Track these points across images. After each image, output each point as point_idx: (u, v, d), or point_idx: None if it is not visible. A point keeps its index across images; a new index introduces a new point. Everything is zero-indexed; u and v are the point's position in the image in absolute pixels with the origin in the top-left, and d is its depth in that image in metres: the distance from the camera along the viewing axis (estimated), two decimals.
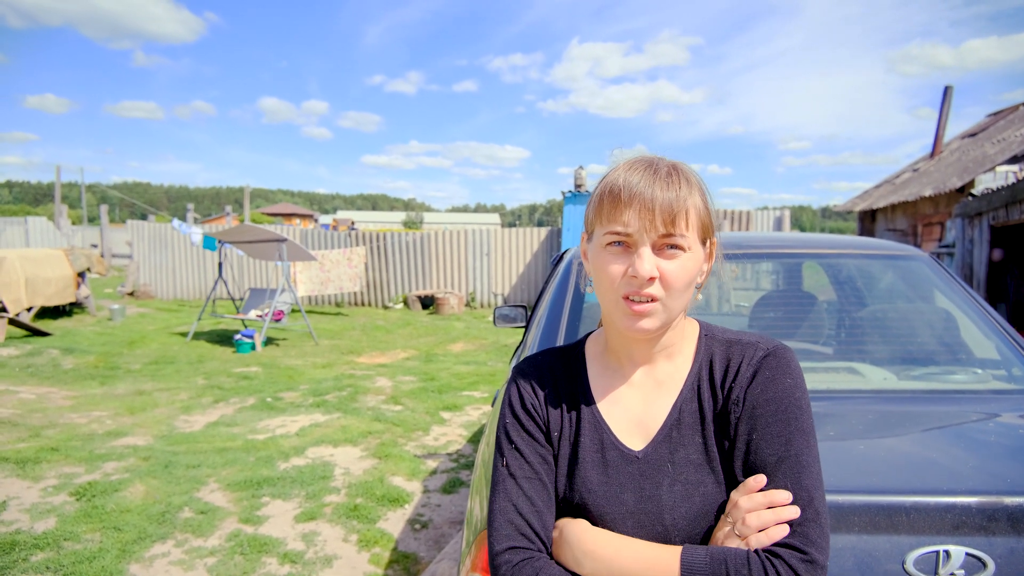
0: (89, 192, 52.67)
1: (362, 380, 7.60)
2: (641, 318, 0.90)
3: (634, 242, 0.90)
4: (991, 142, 13.71)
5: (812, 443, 0.91)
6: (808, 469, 0.88)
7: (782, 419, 0.91)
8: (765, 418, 0.91)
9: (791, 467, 0.88)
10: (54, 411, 6.09)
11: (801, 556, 0.82)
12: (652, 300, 0.90)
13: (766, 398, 0.92)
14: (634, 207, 0.89)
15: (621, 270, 0.90)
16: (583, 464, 0.97)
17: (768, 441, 0.90)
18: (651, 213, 0.88)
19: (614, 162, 0.97)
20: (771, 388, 0.93)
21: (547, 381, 1.04)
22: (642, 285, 0.89)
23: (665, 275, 0.90)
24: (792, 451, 0.88)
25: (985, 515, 1.15)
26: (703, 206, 0.93)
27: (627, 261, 0.90)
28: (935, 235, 13.29)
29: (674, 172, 0.92)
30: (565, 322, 2.13)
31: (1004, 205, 8.67)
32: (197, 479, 4.32)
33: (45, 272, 11.11)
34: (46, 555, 3.28)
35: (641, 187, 0.89)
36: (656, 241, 0.89)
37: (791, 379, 0.94)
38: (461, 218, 79.22)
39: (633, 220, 0.89)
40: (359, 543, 3.52)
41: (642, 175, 0.90)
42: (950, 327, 2.22)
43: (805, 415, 0.92)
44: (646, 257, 0.89)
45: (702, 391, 0.97)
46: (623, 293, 0.91)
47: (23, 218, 21.71)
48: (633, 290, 0.90)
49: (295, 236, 15.22)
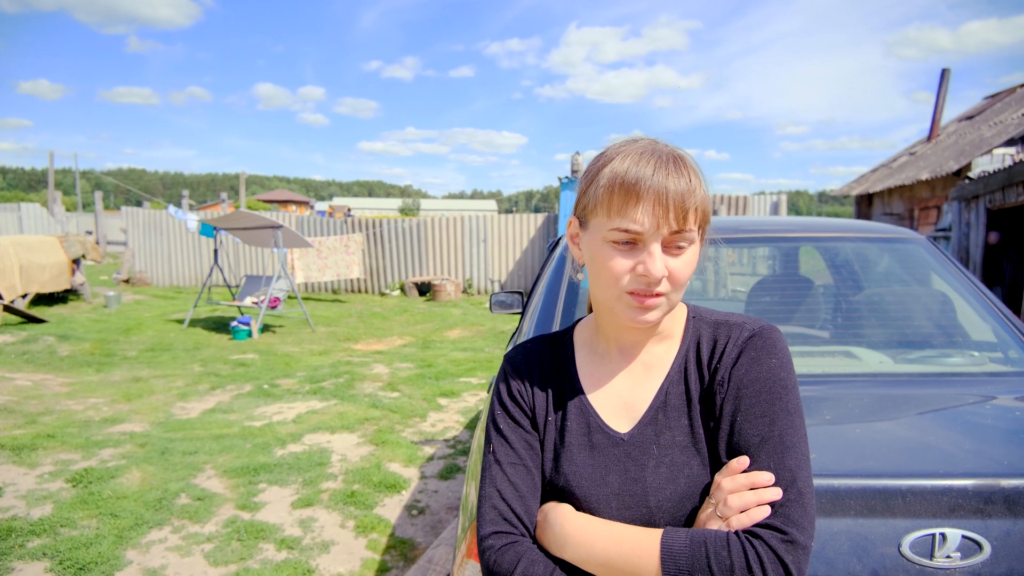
0: (83, 178, 52.39)
1: (359, 367, 7.60)
2: (648, 311, 0.89)
3: (644, 240, 0.87)
4: (988, 125, 13.67)
5: (797, 423, 0.89)
6: (792, 450, 0.87)
7: (766, 399, 0.90)
8: (749, 398, 0.90)
9: (774, 447, 0.86)
10: (50, 398, 6.08)
11: (782, 537, 0.81)
12: (659, 295, 0.89)
13: (751, 378, 0.91)
14: (646, 204, 0.85)
15: (628, 267, 0.88)
16: (569, 448, 0.97)
17: (751, 421, 0.89)
18: (665, 211, 0.85)
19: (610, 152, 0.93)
20: (756, 368, 0.92)
21: (535, 368, 1.04)
22: (651, 285, 0.87)
23: (672, 272, 0.88)
24: (776, 431, 0.87)
25: (981, 498, 1.15)
26: (706, 195, 0.91)
27: (634, 258, 0.88)
28: (931, 219, 13.29)
29: (680, 163, 0.88)
30: (561, 308, 2.12)
31: (1001, 188, 8.65)
32: (194, 466, 4.32)
33: (40, 259, 11.05)
34: (43, 541, 3.28)
35: (654, 182, 0.85)
36: (667, 238, 0.87)
37: (776, 359, 0.93)
38: (458, 205, 78.99)
39: (646, 219, 0.86)
40: (356, 529, 3.53)
41: (654, 168, 0.86)
42: (947, 310, 2.21)
43: (791, 395, 0.91)
44: (658, 257, 0.86)
45: (689, 373, 0.97)
46: (629, 290, 0.89)
47: (16, 204, 21.53)
48: (641, 288, 0.88)
49: (291, 223, 15.16)
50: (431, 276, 15.27)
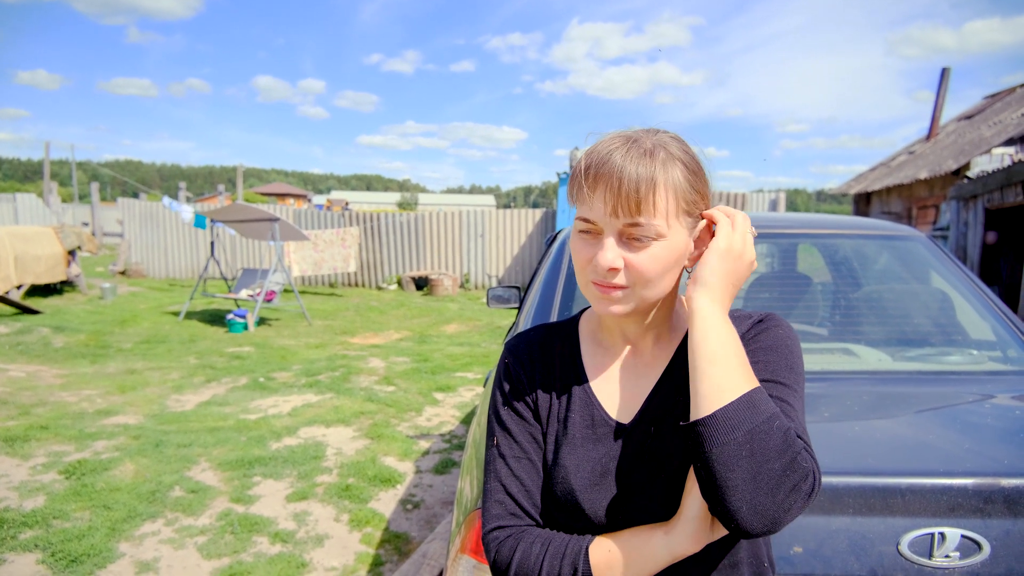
0: (80, 170, 52.16)
1: (355, 361, 7.58)
2: (611, 303, 0.88)
3: (599, 230, 0.86)
4: (988, 124, 13.66)
5: (796, 382, 0.88)
6: (799, 399, 0.86)
7: (775, 356, 0.89)
8: (757, 352, 0.89)
9: (786, 393, 0.85)
10: (44, 389, 6.05)
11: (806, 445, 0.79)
12: (620, 288, 0.87)
13: (760, 339, 0.91)
14: (598, 193, 0.84)
15: (588, 257, 0.87)
16: (572, 439, 0.95)
17: (759, 367, 0.87)
18: (616, 198, 0.82)
19: None
20: (767, 335, 0.92)
21: (538, 357, 1.01)
22: (604, 276, 0.86)
23: (632, 265, 0.85)
24: (784, 380, 0.86)
25: (981, 497, 1.13)
26: (685, 183, 0.86)
27: (594, 248, 0.87)
28: (930, 218, 13.29)
29: (656, 151, 0.84)
30: (558, 302, 2.10)
31: (999, 187, 8.64)
32: (188, 458, 4.30)
33: (35, 250, 10.99)
34: (35, 533, 3.26)
35: (610, 169, 0.83)
36: (623, 229, 0.84)
37: (784, 331, 0.93)
38: (456, 199, 78.79)
39: (597, 207, 0.84)
40: (351, 523, 3.51)
41: (619, 155, 0.84)
42: (946, 308, 2.20)
43: (795, 358, 0.90)
44: (608, 248, 0.84)
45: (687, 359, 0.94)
46: (591, 280, 0.88)
47: (12, 195, 21.37)
48: (599, 279, 0.87)
49: (288, 216, 15.10)
50: (428, 271, 15.24)
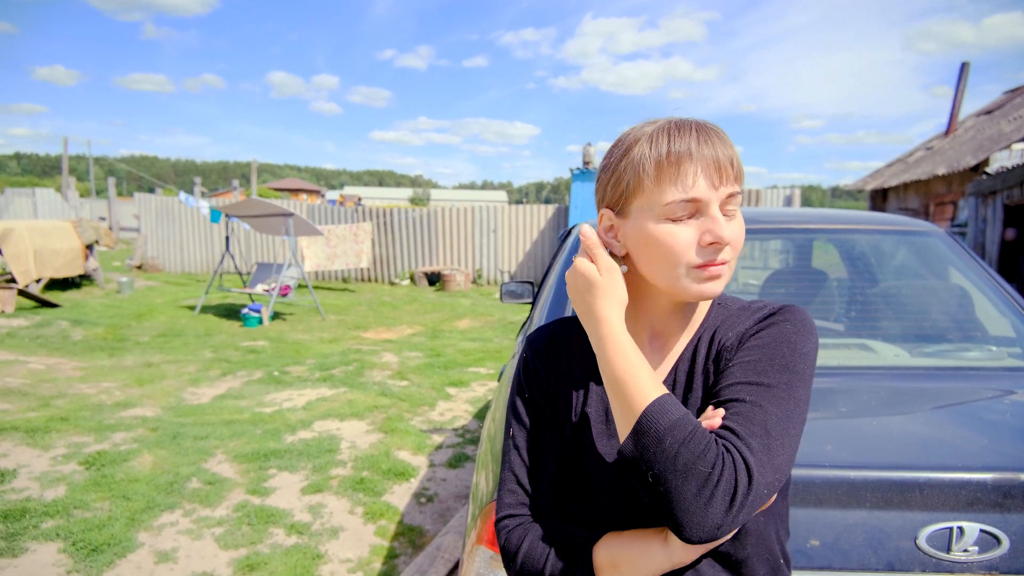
0: (97, 165, 52.67)
1: (368, 355, 7.62)
2: (716, 280, 0.86)
3: (703, 206, 0.84)
4: (1007, 119, 13.46)
5: (796, 384, 0.81)
6: (777, 400, 0.79)
7: (769, 354, 0.84)
8: (750, 350, 0.86)
9: (759, 393, 0.79)
10: (63, 381, 6.14)
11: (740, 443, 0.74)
12: (723, 263, 0.85)
13: (760, 337, 0.87)
14: (700, 169, 0.83)
15: (692, 239, 0.84)
16: (589, 434, 0.95)
17: (743, 367, 0.83)
18: (719, 173, 0.83)
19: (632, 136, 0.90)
20: (768, 330, 0.87)
21: (560, 351, 1.01)
22: (719, 251, 0.84)
23: (733, 239, 0.86)
24: (767, 380, 0.80)
25: (1000, 492, 1.13)
26: (740, 159, 0.89)
27: (695, 229, 0.84)
28: (947, 214, 13.13)
29: (714, 129, 0.87)
30: None
31: (1019, 184, 8.53)
32: (205, 450, 4.35)
33: (53, 244, 11.14)
34: (56, 522, 3.31)
35: (702, 147, 0.84)
36: (722, 203, 0.85)
37: (793, 325, 0.87)
38: (468, 195, 78.82)
39: (700, 182, 0.83)
40: (365, 515, 3.54)
41: (694, 136, 0.85)
42: (965, 304, 2.18)
43: (799, 359, 0.83)
44: (721, 220, 0.84)
45: (699, 348, 0.93)
46: (696, 264, 0.85)
47: (31, 189, 21.69)
48: (709, 259, 0.84)
49: (302, 211, 15.18)
50: (441, 266, 15.28)
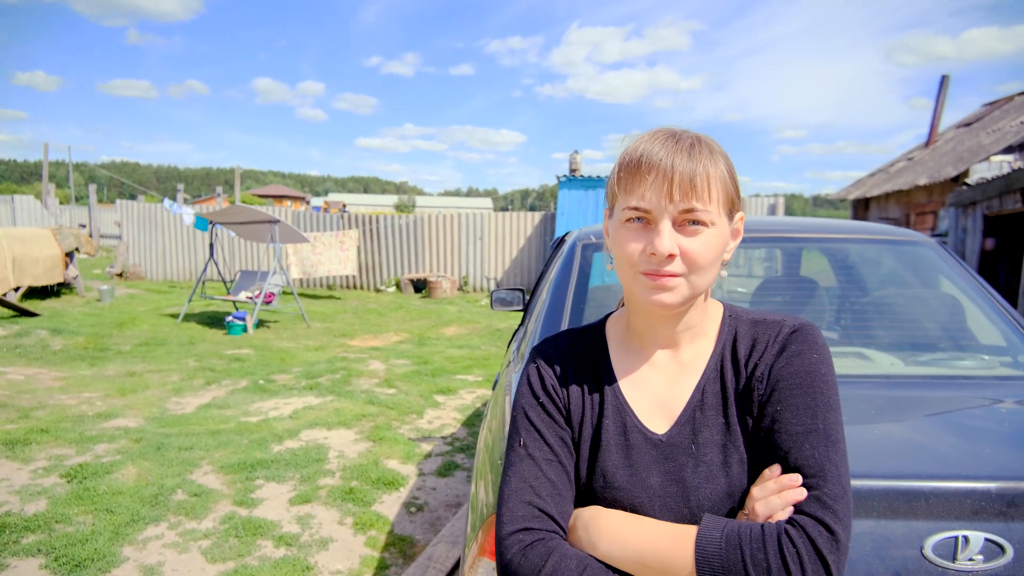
0: (77, 171, 51.99)
1: (355, 363, 7.56)
2: (662, 291, 0.86)
3: (653, 218, 0.86)
4: (986, 132, 13.72)
5: (839, 420, 0.87)
6: (836, 444, 0.85)
7: (808, 392, 0.87)
8: (791, 391, 0.88)
9: (819, 440, 0.84)
10: (43, 392, 6.02)
11: (821, 528, 0.78)
12: (674, 276, 0.86)
13: (791, 371, 0.89)
14: (652, 179, 0.85)
15: (639, 248, 0.87)
16: (606, 448, 0.93)
17: (795, 413, 0.86)
18: (670, 184, 0.84)
19: (633, 137, 0.92)
20: (796, 362, 0.90)
21: (568, 362, 1.00)
22: (661, 263, 0.85)
23: (688, 253, 0.85)
24: (819, 424, 0.85)
25: (1005, 500, 1.13)
26: (728, 177, 0.89)
27: (646, 238, 0.86)
28: (928, 224, 13.33)
29: (697, 143, 0.87)
30: (569, 306, 2.09)
31: (998, 195, 8.68)
32: (190, 461, 4.28)
33: (32, 251, 10.96)
34: (37, 537, 3.24)
35: (660, 156, 0.85)
36: (677, 216, 0.85)
37: (817, 354, 0.91)
38: (453, 202, 78.87)
39: (651, 193, 0.85)
40: (355, 526, 3.50)
41: (662, 145, 0.86)
42: (956, 313, 2.20)
43: (832, 391, 0.89)
44: (665, 233, 0.84)
45: (725, 370, 0.94)
46: (643, 270, 0.87)
47: (9, 196, 21.29)
48: (653, 268, 0.86)
49: (287, 218, 15.09)
50: (427, 273, 15.23)
